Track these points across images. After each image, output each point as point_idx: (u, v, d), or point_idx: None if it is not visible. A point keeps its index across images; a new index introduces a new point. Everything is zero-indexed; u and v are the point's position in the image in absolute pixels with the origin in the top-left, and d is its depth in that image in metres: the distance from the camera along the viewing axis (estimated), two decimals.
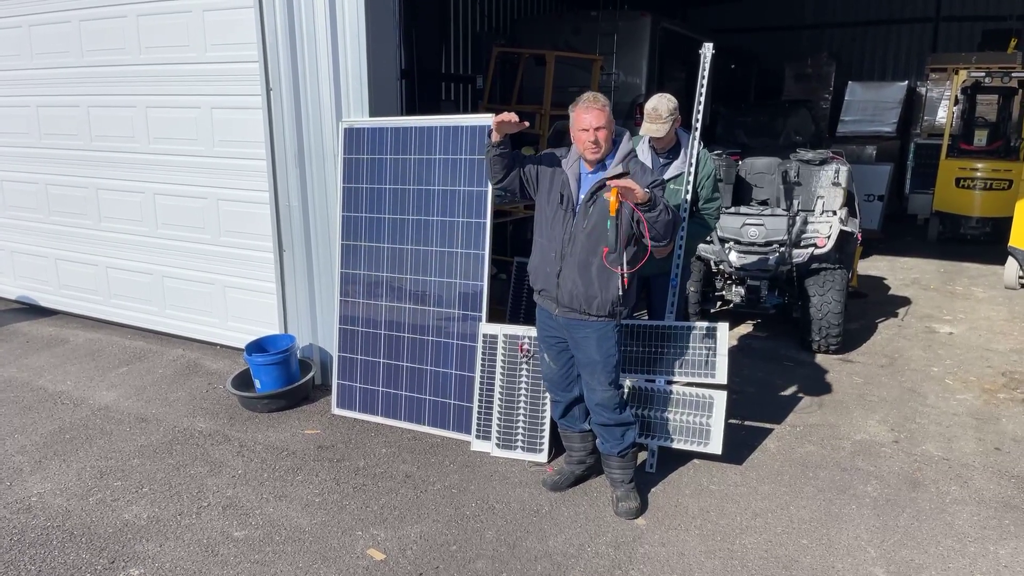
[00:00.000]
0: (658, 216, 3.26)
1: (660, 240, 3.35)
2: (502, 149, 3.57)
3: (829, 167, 6.46)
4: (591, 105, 3.40)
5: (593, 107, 3.39)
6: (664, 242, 3.38)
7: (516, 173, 3.65)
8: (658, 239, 3.34)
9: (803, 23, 17.15)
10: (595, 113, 3.38)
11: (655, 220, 3.26)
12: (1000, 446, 4.46)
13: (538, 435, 4.23)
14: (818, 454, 4.36)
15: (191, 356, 5.91)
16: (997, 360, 5.90)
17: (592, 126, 3.38)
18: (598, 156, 3.45)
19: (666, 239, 3.37)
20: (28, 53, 6.39)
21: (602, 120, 3.38)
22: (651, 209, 3.23)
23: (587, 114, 3.39)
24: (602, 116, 3.38)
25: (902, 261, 9.39)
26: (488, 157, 3.63)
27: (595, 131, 3.38)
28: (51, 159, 6.53)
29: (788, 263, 5.92)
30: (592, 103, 3.41)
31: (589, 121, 3.38)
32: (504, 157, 3.59)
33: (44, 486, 4.04)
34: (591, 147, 3.42)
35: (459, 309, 4.51)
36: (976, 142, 10.56)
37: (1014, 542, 3.51)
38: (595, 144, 3.40)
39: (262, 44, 5.02)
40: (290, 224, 5.24)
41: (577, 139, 3.47)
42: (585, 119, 3.39)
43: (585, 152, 3.47)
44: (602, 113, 3.38)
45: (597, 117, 3.38)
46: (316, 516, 3.74)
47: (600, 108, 3.39)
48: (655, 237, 3.32)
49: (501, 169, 3.63)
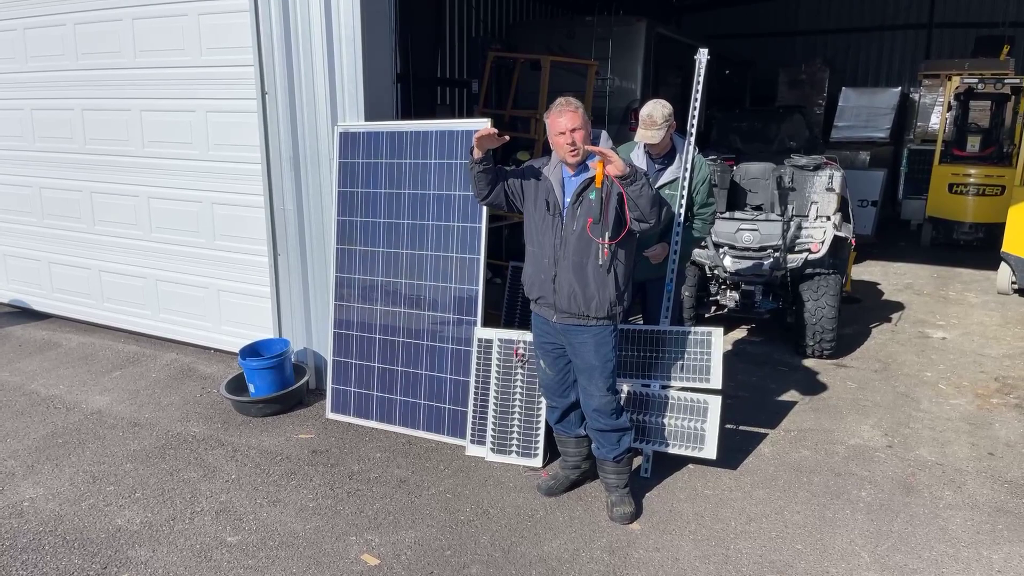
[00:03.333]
0: (640, 191, 3.31)
1: (643, 219, 3.39)
2: (485, 165, 3.59)
3: (823, 173, 6.48)
4: (564, 108, 3.44)
5: (567, 110, 3.43)
6: (648, 223, 3.40)
7: (501, 187, 3.68)
8: (641, 218, 3.38)
9: (797, 29, 17.23)
10: (568, 116, 3.42)
11: (637, 195, 3.31)
12: (993, 451, 4.48)
13: (533, 440, 4.23)
14: (812, 459, 4.37)
15: (185, 360, 5.89)
16: (990, 365, 5.92)
17: (568, 128, 3.42)
18: (577, 158, 3.49)
19: (650, 220, 3.39)
20: (23, 56, 6.37)
21: (577, 122, 3.42)
22: (632, 183, 3.29)
23: (561, 118, 3.43)
24: (576, 118, 3.42)
25: (896, 266, 9.43)
26: (472, 174, 3.65)
27: (571, 132, 3.42)
28: (45, 162, 6.51)
29: (782, 268, 5.94)
30: (565, 107, 3.45)
31: (564, 124, 3.42)
32: (488, 173, 3.62)
33: (36, 491, 4.02)
34: (569, 149, 3.45)
35: (454, 313, 4.51)
36: (969, 148, 10.62)
37: (1007, 547, 3.52)
38: (572, 146, 3.43)
39: (258, 48, 5.02)
40: (285, 228, 5.24)
41: (555, 144, 3.50)
42: (560, 123, 3.43)
43: (565, 156, 3.50)
44: (575, 115, 3.42)
45: (571, 119, 3.41)
46: (310, 521, 3.73)
47: (573, 110, 3.43)
48: (637, 217, 3.38)
49: (486, 185, 3.66)
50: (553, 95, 4.11)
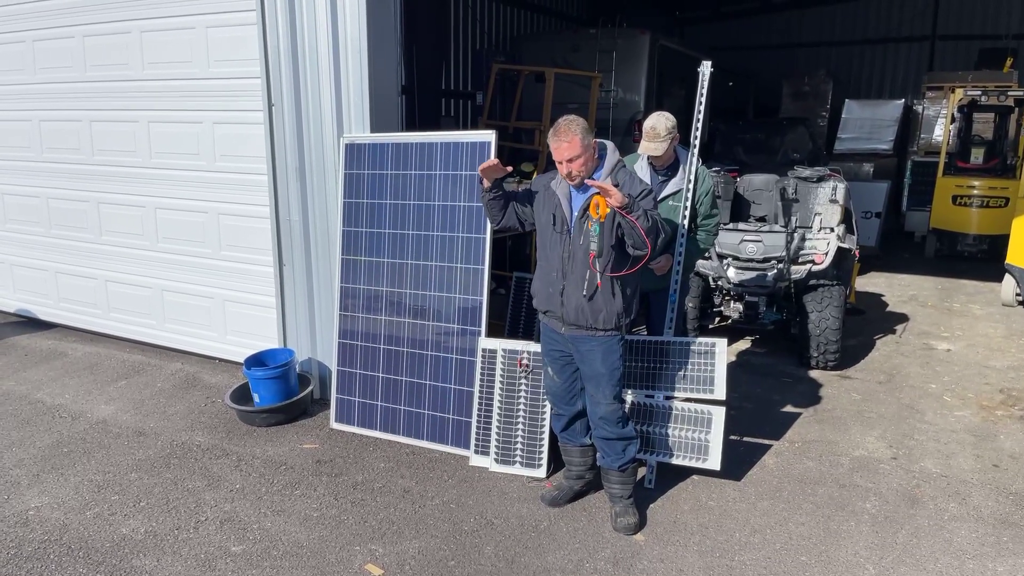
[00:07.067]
0: (638, 219, 3.31)
1: (637, 247, 3.40)
2: (495, 193, 3.70)
3: (827, 184, 6.50)
4: (561, 139, 3.39)
5: (563, 141, 3.39)
6: (642, 250, 3.40)
7: (511, 210, 3.78)
8: (636, 246, 3.39)
9: (801, 41, 17.31)
10: (566, 145, 3.38)
11: (631, 226, 3.32)
12: (998, 463, 4.47)
13: (537, 450, 4.23)
14: (816, 470, 4.36)
15: (190, 370, 5.91)
16: (995, 377, 5.91)
17: (564, 159, 3.42)
18: (576, 184, 3.51)
19: (643, 249, 3.39)
20: (31, 68, 6.43)
21: (575, 150, 3.38)
22: (631, 211, 3.30)
23: (560, 145, 3.40)
24: (574, 146, 3.38)
25: (900, 278, 9.42)
26: (484, 202, 3.76)
27: (568, 164, 3.42)
28: (53, 173, 6.55)
29: (786, 279, 5.94)
30: (562, 137, 3.39)
31: (561, 154, 3.42)
32: (499, 199, 3.73)
33: (41, 500, 4.03)
34: (567, 178, 3.49)
35: (458, 324, 4.52)
36: (973, 160, 10.63)
37: (1012, 559, 3.51)
38: (569, 176, 3.46)
39: (264, 60, 5.06)
40: (290, 238, 5.26)
41: (558, 167, 3.53)
42: (559, 151, 3.42)
43: (564, 180, 3.53)
44: (573, 143, 3.37)
45: (569, 148, 3.38)
46: (314, 531, 3.73)
47: (568, 141, 3.37)
48: (634, 244, 3.39)
49: (499, 211, 3.76)
50: (557, 107, 4.14)
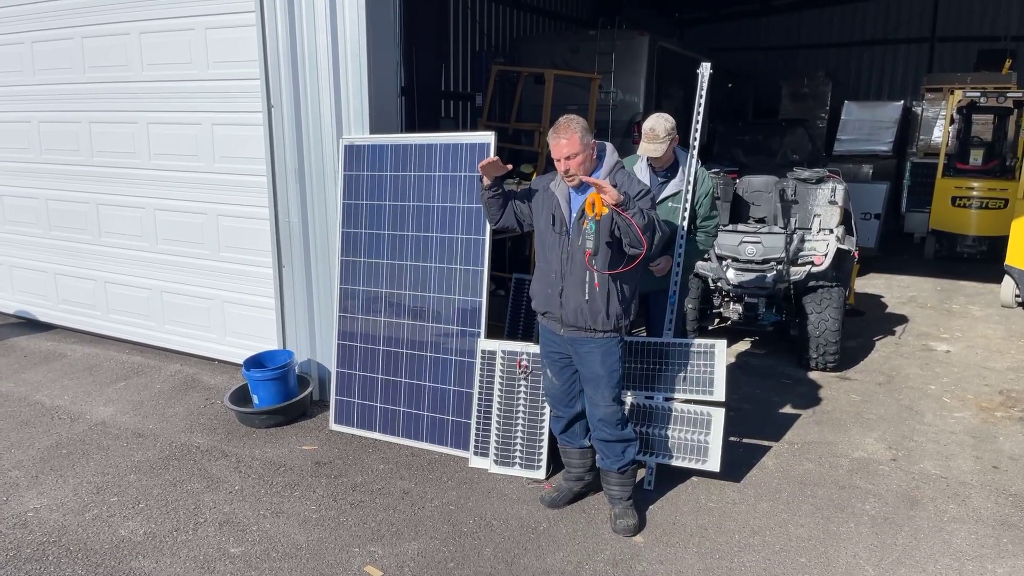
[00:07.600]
0: (634, 216, 3.31)
1: (633, 245, 3.38)
2: (495, 191, 3.72)
3: (826, 186, 6.50)
4: (560, 137, 3.43)
5: (562, 138, 3.42)
6: (638, 248, 3.39)
7: (510, 209, 3.80)
8: (632, 244, 3.38)
9: (800, 43, 17.31)
10: (566, 142, 3.41)
11: (627, 224, 3.31)
12: (997, 464, 4.47)
13: (536, 452, 4.23)
14: (816, 472, 4.36)
15: (189, 371, 5.91)
16: (994, 378, 5.91)
17: (563, 156, 3.43)
18: (574, 183, 3.52)
19: (639, 247, 3.38)
20: (30, 69, 6.43)
21: (574, 147, 3.41)
22: (627, 208, 3.30)
23: (560, 142, 3.43)
24: (573, 143, 3.41)
25: (899, 279, 9.42)
26: (483, 201, 3.78)
27: (566, 160, 3.44)
28: (52, 174, 6.55)
29: (785, 281, 5.94)
30: (562, 134, 3.43)
31: (560, 151, 3.44)
32: (499, 198, 3.74)
33: (40, 501, 4.03)
34: (565, 176, 3.50)
35: (457, 325, 4.52)
36: (972, 161, 10.63)
37: (1011, 560, 3.51)
38: (567, 173, 3.47)
39: (264, 62, 5.06)
40: (289, 240, 5.26)
41: (556, 165, 3.54)
42: (558, 148, 3.44)
43: (562, 179, 3.54)
44: (573, 141, 3.41)
45: (568, 146, 3.41)
46: (313, 533, 3.73)
47: (568, 139, 3.40)
48: (630, 242, 3.37)
49: (498, 210, 3.78)
50: (556, 108, 4.15)
